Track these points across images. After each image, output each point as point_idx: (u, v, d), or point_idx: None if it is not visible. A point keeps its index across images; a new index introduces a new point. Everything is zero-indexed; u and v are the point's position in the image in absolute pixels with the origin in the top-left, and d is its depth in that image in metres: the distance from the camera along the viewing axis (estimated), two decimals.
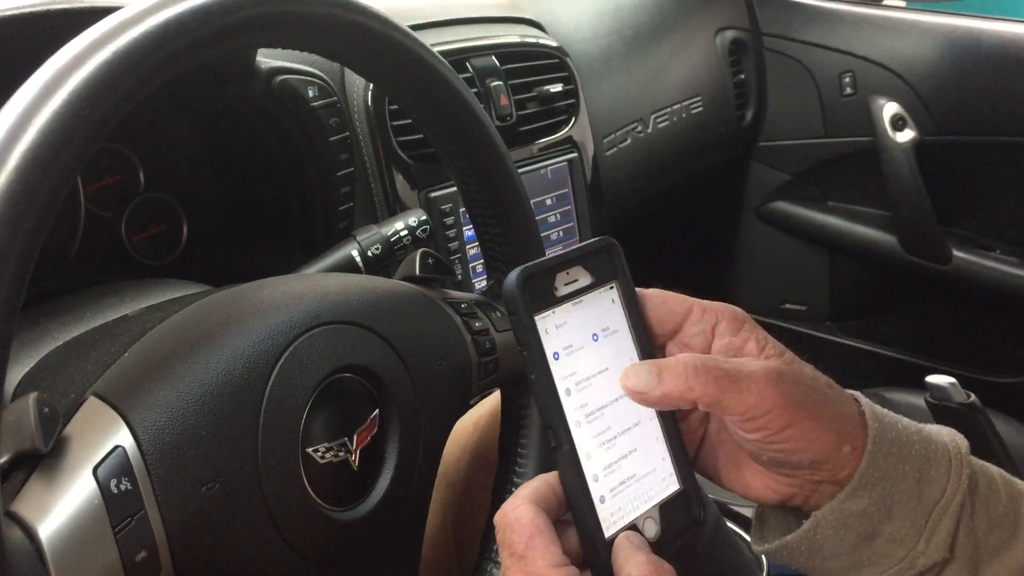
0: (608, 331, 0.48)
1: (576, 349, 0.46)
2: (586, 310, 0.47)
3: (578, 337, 0.46)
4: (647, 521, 0.46)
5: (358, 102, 0.98)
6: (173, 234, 0.91)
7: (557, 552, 0.42)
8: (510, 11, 1.29)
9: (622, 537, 0.44)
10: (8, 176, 0.39)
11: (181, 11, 0.46)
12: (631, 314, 0.48)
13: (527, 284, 0.45)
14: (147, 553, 0.46)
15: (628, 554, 0.43)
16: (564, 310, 0.46)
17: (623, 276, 0.49)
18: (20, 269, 0.39)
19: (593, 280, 0.47)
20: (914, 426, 0.49)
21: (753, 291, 1.95)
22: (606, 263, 0.48)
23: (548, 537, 0.42)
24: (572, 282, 0.47)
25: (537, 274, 0.45)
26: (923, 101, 1.57)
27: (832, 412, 0.46)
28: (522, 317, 0.44)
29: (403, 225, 0.84)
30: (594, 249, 0.48)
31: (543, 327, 0.45)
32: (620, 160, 1.43)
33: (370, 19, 0.56)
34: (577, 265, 0.47)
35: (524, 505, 0.43)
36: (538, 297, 0.45)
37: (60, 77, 0.42)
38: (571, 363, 0.46)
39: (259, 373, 0.53)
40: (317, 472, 0.54)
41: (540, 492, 0.44)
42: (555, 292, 0.46)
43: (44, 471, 0.46)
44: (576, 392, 0.45)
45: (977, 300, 1.64)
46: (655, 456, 0.48)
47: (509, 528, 0.43)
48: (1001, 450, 1.00)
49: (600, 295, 0.48)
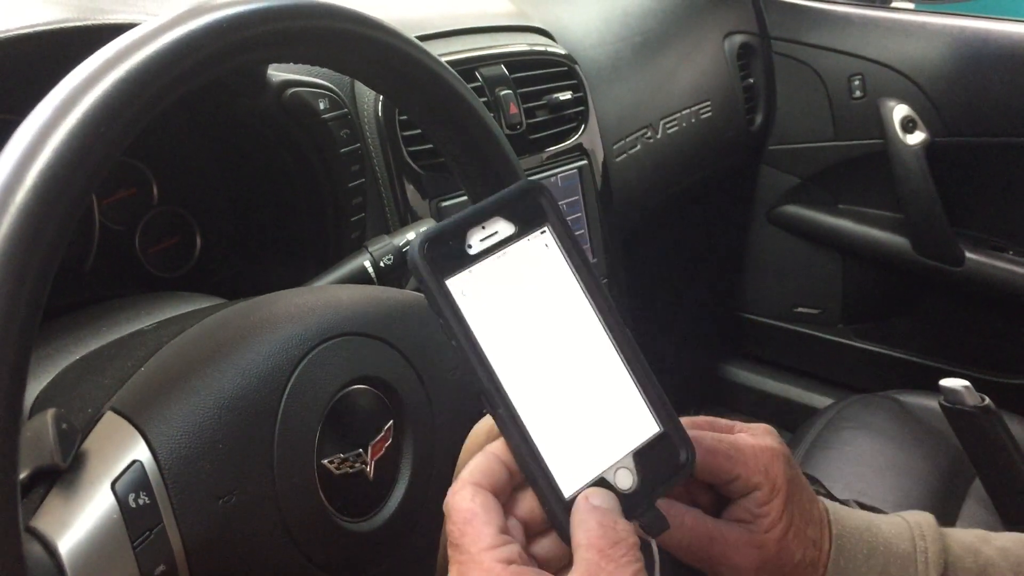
0: (545, 277, 0.45)
1: (506, 303, 0.44)
2: (512, 261, 0.44)
3: (507, 290, 0.44)
4: (619, 472, 0.43)
5: (368, 113, 0.98)
6: (186, 247, 0.92)
7: (491, 534, 0.40)
8: (518, 20, 1.30)
9: (580, 498, 0.42)
10: (26, 194, 0.40)
11: (195, 28, 0.46)
12: (571, 255, 0.46)
13: (430, 248, 0.42)
14: (165, 567, 0.46)
15: (581, 519, 0.41)
16: (484, 266, 0.43)
17: (555, 218, 0.46)
18: (39, 285, 0.40)
19: (517, 229, 0.45)
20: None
21: (765, 295, 1.94)
22: (531, 209, 0.45)
23: (483, 519, 0.40)
24: (490, 236, 0.44)
25: (439, 236, 0.43)
26: (933, 103, 1.56)
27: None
28: (428, 283, 0.42)
29: (415, 235, 0.84)
30: (510, 197, 0.45)
31: (459, 288, 0.42)
32: (630, 166, 1.43)
33: (380, 32, 0.56)
34: (493, 217, 0.44)
35: (462, 490, 0.42)
36: (447, 259, 0.43)
37: (76, 95, 0.43)
38: (500, 319, 0.43)
39: (274, 386, 0.53)
40: (333, 483, 0.54)
41: (482, 468, 0.42)
42: (468, 250, 0.43)
43: (63, 486, 0.46)
44: (511, 348, 0.43)
45: (990, 302, 1.63)
46: (623, 400, 0.45)
47: (448, 517, 0.41)
48: (1016, 453, 1.00)
49: (529, 242, 0.45)
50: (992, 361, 1.64)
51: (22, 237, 0.39)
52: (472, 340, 0.42)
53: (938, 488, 1.21)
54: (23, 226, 0.39)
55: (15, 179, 0.40)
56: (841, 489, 1.19)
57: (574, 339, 0.45)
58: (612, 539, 0.40)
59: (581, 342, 0.45)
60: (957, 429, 1.01)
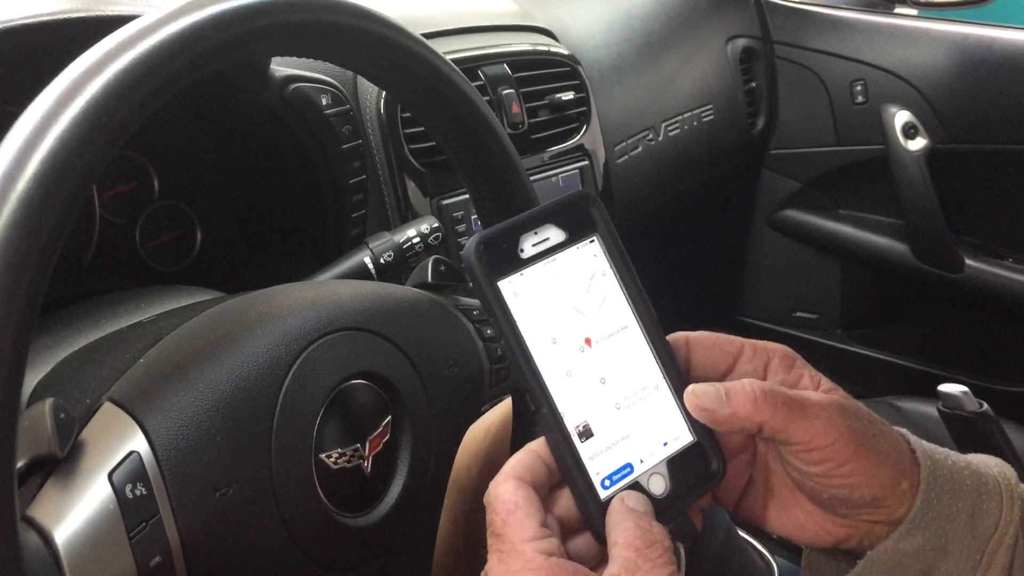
0: (593, 285, 0.46)
1: (553, 307, 0.45)
2: (562, 267, 0.46)
3: (555, 295, 0.45)
4: (653, 477, 0.45)
5: (370, 110, 0.98)
6: (187, 241, 0.92)
7: (533, 526, 0.41)
8: (522, 20, 1.30)
9: (616, 500, 0.43)
10: (27, 183, 0.40)
11: (198, 20, 0.46)
12: (617, 265, 0.47)
13: (485, 250, 0.44)
14: (161, 558, 0.46)
15: (619, 519, 0.42)
16: (535, 270, 0.45)
17: (605, 228, 0.47)
18: (39, 275, 0.40)
19: (567, 236, 0.46)
20: (963, 460, 0.48)
21: (764, 299, 1.94)
22: (582, 218, 0.47)
23: (526, 511, 0.41)
24: (542, 241, 0.45)
25: (495, 238, 0.44)
26: (935, 109, 1.56)
27: (890, 448, 0.46)
28: (481, 284, 0.43)
29: (415, 232, 0.84)
30: (564, 205, 0.46)
31: (510, 291, 0.44)
32: (631, 168, 1.43)
33: (385, 28, 0.56)
34: (546, 223, 0.46)
35: (505, 482, 0.43)
36: (501, 261, 0.44)
37: (78, 85, 0.43)
38: (547, 322, 0.44)
39: (272, 379, 0.53)
40: (330, 478, 0.54)
41: (525, 464, 0.43)
42: (520, 254, 0.45)
43: (60, 476, 0.46)
44: (557, 351, 0.44)
45: (989, 309, 1.63)
46: (660, 409, 0.46)
47: (490, 508, 0.42)
48: (1013, 459, 1.00)
49: (578, 250, 0.46)
50: (991, 368, 1.64)
51: (23, 225, 0.39)
52: (520, 340, 0.44)
53: None
54: (24, 215, 0.39)
55: (16, 168, 0.40)
56: None
57: (616, 346, 0.46)
58: (648, 540, 0.41)
59: (623, 350, 0.46)
60: (955, 435, 1.01)
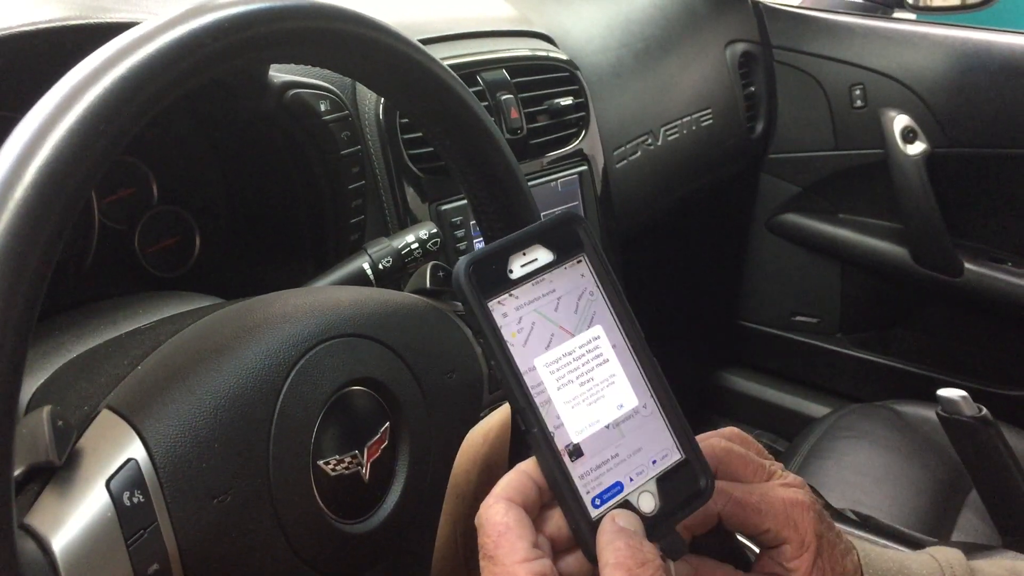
0: (581, 305, 0.47)
1: (543, 329, 0.45)
2: (551, 288, 0.46)
3: (544, 316, 0.46)
4: (643, 495, 0.45)
5: (369, 116, 0.98)
6: (186, 247, 0.92)
7: (525, 548, 0.41)
8: (520, 25, 1.30)
9: (607, 519, 0.43)
10: (25, 190, 0.40)
11: (196, 27, 0.46)
12: (605, 284, 0.48)
13: (475, 271, 0.44)
14: (159, 566, 0.46)
15: (609, 539, 0.42)
16: (524, 291, 0.45)
17: (591, 248, 0.48)
18: (36, 281, 0.40)
19: (555, 256, 0.47)
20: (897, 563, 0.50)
21: (764, 303, 1.94)
22: (569, 238, 0.47)
23: (517, 532, 0.42)
24: (530, 262, 0.46)
25: (485, 259, 0.45)
26: (934, 113, 1.57)
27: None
28: (472, 305, 0.44)
29: (414, 238, 0.84)
30: (551, 226, 0.47)
31: (500, 311, 0.44)
32: (630, 173, 1.43)
33: (382, 34, 0.56)
34: (534, 244, 0.46)
35: (496, 504, 0.43)
36: (490, 282, 0.45)
37: (76, 92, 0.43)
38: (538, 343, 0.45)
39: (271, 386, 0.53)
40: (328, 485, 0.54)
41: (514, 485, 0.44)
42: (509, 275, 0.45)
43: (57, 484, 0.46)
44: (547, 372, 0.45)
45: (989, 313, 1.63)
46: (648, 426, 0.47)
47: (482, 530, 0.43)
48: (1013, 464, 1.00)
49: (566, 271, 0.47)
50: (990, 372, 1.64)
51: (20, 232, 0.39)
52: (510, 360, 0.44)
53: (934, 498, 1.21)
54: (22, 221, 0.39)
55: (14, 175, 0.40)
56: (838, 498, 1.19)
57: (604, 365, 0.47)
58: (639, 559, 0.41)
59: (611, 368, 0.47)
60: (954, 439, 1.01)
